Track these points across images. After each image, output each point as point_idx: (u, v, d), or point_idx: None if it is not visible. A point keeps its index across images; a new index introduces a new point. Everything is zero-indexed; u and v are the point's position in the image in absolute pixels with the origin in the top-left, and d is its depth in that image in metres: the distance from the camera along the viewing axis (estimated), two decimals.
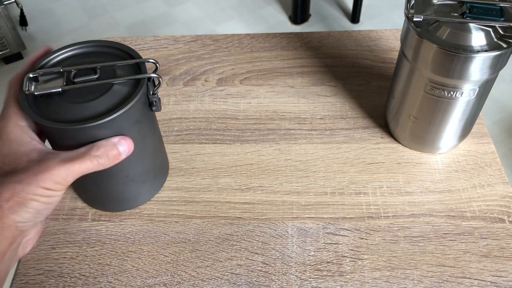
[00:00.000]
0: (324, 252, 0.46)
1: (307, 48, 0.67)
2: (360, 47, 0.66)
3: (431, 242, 0.47)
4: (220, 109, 0.60)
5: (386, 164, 0.53)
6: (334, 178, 0.52)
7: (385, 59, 0.65)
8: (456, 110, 0.48)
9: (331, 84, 0.62)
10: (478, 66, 0.43)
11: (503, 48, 0.42)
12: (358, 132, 0.56)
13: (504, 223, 0.48)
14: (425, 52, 0.44)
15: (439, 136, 0.52)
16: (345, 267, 0.45)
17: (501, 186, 0.51)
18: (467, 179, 0.52)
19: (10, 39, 1.59)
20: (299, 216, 0.49)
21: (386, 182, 0.52)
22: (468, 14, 0.43)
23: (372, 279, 0.45)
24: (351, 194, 0.51)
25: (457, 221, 0.48)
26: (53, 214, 0.50)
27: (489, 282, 0.44)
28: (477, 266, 0.45)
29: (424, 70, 0.46)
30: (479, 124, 0.56)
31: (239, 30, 1.78)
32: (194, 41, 0.69)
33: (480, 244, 0.47)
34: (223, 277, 0.45)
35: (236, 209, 0.50)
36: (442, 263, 0.45)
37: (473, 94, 0.46)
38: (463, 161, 0.53)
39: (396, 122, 0.54)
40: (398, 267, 0.45)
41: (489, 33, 0.43)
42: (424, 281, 0.44)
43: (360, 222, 0.49)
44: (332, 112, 0.59)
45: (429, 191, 0.51)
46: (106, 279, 0.45)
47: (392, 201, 0.50)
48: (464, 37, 0.43)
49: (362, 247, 0.47)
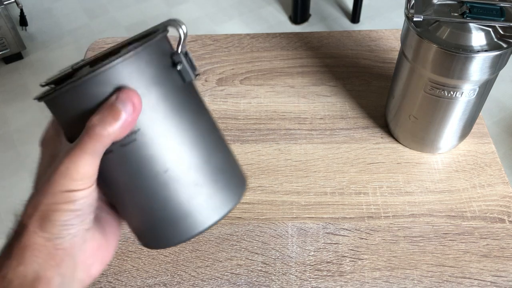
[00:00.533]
0: (324, 252, 0.46)
1: (307, 48, 0.66)
2: (360, 47, 0.66)
3: (431, 242, 0.47)
4: (220, 109, 0.60)
5: (386, 164, 0.53)
6: (334, 178, 0.52)
7: (385, 59, 0.64)
8: (456, 110, 0.48)
9: (331, 84, 0.62)
10: (478, 66, 0.43)
11: (503, 48, 0.42)
12: (358, 132, 0.56)
13: (504, 223, 0.48)
14: (425, 52, 0.44)
15: (439, 136, 0.51)
16: (345, 267, 0.45)
17: (501, 186, 0.51)
18: (467, 179, 0.52)
19: (10, 39, 1.59)
20: (299, 216, 0.49)
21: (386, 182, 0.52)
22: (468, 14, 0.43)
23: (372, 279, 0.44)
24: (351, 194, 0.51)
25: (457, 221, 0.48)
26: None
27: (489, 282, 0.44)
28: (477, 266, 0.45)
29: (424, 70, 0.46)
30: (479, 124, 0.56)
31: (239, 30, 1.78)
32: (194, 41, 0.69)
33: (480, 244, 0.47)
34: (223, 277, 0.45)
35: (236, 209, 0.50)
36: (442, 263, 0.45)
37: (473, 94, 0.46)
38: (463, 161, 0.53)
39: (396, 122, 0.54)
40: (398, 267, 0.45)
41: (489, 33, 0.43)
42: (424, 281, 0.44)
43: (360, 222, 0.49)
44: (332, 112, 0.59)
45: (429, 191, 0.51)
46: (106, 279, 0.45)
47: (392, 201, 0.50)
48: (464, 37, 0.43)
49: (362, 247, 0.47)
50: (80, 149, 0.28)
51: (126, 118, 0.28)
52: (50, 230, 0.28)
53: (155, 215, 0.31)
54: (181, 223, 0.31)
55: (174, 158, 0.31)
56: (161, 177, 0.31)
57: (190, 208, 0.31)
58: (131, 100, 0.28)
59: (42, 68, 1.64)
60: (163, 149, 0.30)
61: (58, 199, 0.28)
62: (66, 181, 0.28)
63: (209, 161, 0.33)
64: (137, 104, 0.29)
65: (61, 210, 0.28)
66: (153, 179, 0.31)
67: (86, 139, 0.28)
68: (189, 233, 0.31)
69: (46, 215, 0.28)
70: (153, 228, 0.32)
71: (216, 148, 0.34)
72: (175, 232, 0.32)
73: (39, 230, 0.28)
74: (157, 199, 0.31)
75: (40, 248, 0.28)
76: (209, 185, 0.32)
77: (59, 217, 0.28)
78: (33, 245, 0.28)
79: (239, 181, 0.35)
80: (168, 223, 0.31)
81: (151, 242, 0.33)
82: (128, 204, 0.32)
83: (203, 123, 0.33)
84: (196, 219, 0.31)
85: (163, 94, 0.31)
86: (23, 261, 0.28)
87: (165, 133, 0.30)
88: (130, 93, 0.29)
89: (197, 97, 0.33)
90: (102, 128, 0.28)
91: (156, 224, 0.32)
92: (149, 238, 0.33)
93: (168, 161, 0.31)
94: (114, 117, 0.28)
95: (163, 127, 0.30)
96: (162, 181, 0.31)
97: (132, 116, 0.28)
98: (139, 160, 0.30)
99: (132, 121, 0.28)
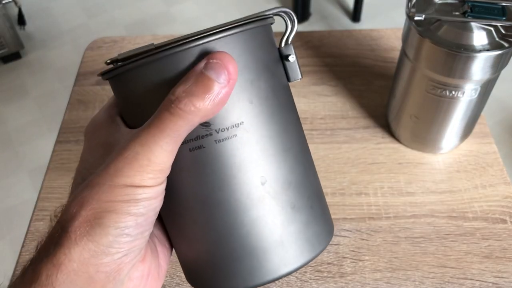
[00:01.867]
0: (325, 253, 0.46)
1: (308, 47, 0.66)
2: (361, 46, 0.66)
3: (433, 243, 0.47)
4: None
5: (387, 164, 0.53)
6: (335, 179, 0.52)
7: (386, 59, 0.64)
8: (457, 109, 0.48)
9: (331, 83, 0.62)
10: (479, 66, 0.43)
11: (505, 47, 0.42)
12: (359, 132, 0.56)
13: (506, 224, 0.48)
14: (427, 51, 0.44)
15: (441, 136, 0.51)
16: (345, 268, 0.45)
17: (503, 186, 0.51)
18: (469, 179, 0.51)
19: (8, 38, 1.58)
20: None
21: (387, 182, 0.51)
22: (470, 13, 0.43)
23: (373, 280, 0.44)
24: (352, 195, 0.50)
25: (459, 221, 0.48)
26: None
27: (491, 283, 0.44)
28: (479, 267, 0.45)
29: (426, 69, 0.45)
30: (481, 124, 0.56)
31: None
32: None
33: (482, 245, 0.46)
34: None
35: None
36: (444, 264, 0.45)
37: (474, 93, 0.46)
38: (464, 161, 0.53)
39: (397, 122, 0.53)
40: (399, 268, 0.45)
41: (491, 32, 0.42)
42: (426, 282, 0.44)
43: (361, 223, 0.48)
44: (332, 112, 0.58)
45: (430, 191, 0.51)
46: None
47: (393, 201, 0.50)
48: (465, 36, 0.42)
49: (363, 248, 0.46)
50: (157, 130, 0.20)
51: (219, 91, 0.21)
52: (100, 240, 0.20)
53: (235, 241, 0.22)
54: (269, 256, 0.23)
55: (275, 168, 0.23)
56: (257, 191, 0.23)
57: (282, 238, 0.23)
58: (225, 66, 0.21)
59: (40, 67, 1.64)
60: (266, 154, 0.23)
61: (118, 195, 0.20)
62: (133, 172, 0.20)
63: (308, 179, 0.26)
64: (233, 73, 0.21)
65: (121, 212, 0.20)
66: (248, 193, 0.23)
67: (165, 117, 0.21)
68: (277, 271, 0.23)
69: (99, 217, 0.20)
70: (226, 260, 0.23)
71: (312, 167, 0.27)
72: (258, 267, 0.22)
73: (86, 238, 0.20)
74: (243, 221, 0.22)
75: (80, 268, 0.20)
76: (306, 211, 0.24)
77: (116, 221, 0.20)
78: (71, 264, 0.20)
79: (329, 215, 0.27)
80: (252, 254, 0.22)
81: (216, 280, 0.23)
82: (198, 224, 0.23)
83: (302, 133, 0.27)
84: (287, 252, 0.23)
85: (274, 86, 0.24)
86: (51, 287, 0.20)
87: (271, 134, 0.23)
88: (222, 57, 0.21)
89: (294, 104, 0.27)
90: (188, 101, 0.20)
91: (233, 255, 0.23)
92: (214, 275, 0.23)
93: (269, 170, 0.23)
94: (204, 88, 0.21)
95: (270, 126, 0.23)
96: (256, 196, 0.23)
97: (227, 88, 0.21)
98: (234, 164, 0.22)
99: (225, 95, 0.21)
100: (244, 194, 0.22)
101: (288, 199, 0.23)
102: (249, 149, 0.22)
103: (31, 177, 1.34)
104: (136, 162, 0.20)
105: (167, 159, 0.21)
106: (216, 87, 0.21)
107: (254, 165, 0.23)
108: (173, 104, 0.20)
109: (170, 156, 0.21)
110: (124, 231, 0.20)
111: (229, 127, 0.22)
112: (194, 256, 0.24)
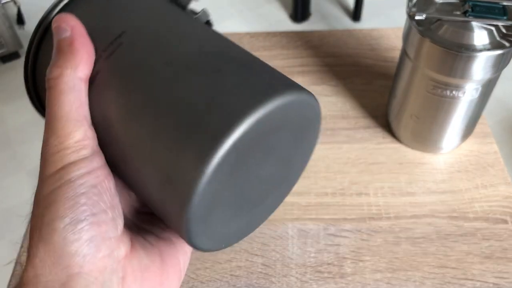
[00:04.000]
0: (325, 254, 0.46)
1: (308, 47, 0.66)
2: (362, 46, 0.66)
3: (433, 243, 0.46)
4: None
5: (388, 164, 0.53)
6: (335, 179, 0.52)
7: (387, 58, 0.64)
8: (458, 109, 0.48)
9: (332, 83, 0.61)
10: (480, 65, 0.42)
11: (506, 47, 0.42)
12: (359, 132, 0.56)
13: (507, 224, 0.48)
14: (427, 51, 0.44)
15: (441, 136, 0.51)
16: (346, 269, 0.45)
17: (504, 186, 0.50)
18: (470, 179, 0.51)
19: (7, 38, 1.58)
20: (299, 217, 0.49)
21: (387, 182, 0.51)
22: (471, 12, 0.43)
23: (373, 281, 0.44)
24: (352, 195, 0.50)
25: (459, 222, 0.48)
26: None
27: (492, 283, 0.44)
28: (480, 267, 0.45)
29: (426, 69, 0.45)
30: (482, 123, 0.56)
31: (238, 28, 1.77)
32: None
33: (483, 245, 0.46)
34: (223, 279, 0.44)
35: None
36: (444, 264, 0.45)
37: (475, 93, 0.46)
38: (465, 161, 0.53)
39: (398, 121, 0.53)
40: (399, 269, 0.45)
41: (492, 31, 0.42)
42: (426, 283, 0.44)
43: (361, 223, 0.48)
44: (333, 112, 0.58)
45: (431, 191, 0.50)
46: None
47: (393, 201, 0.50)
48: (466, 35, 0.42)
49: (363, 249, 0.46)
50: (51, 110, 0.21)
51: (69, 41, 0.22)
52: (51, 239, 0.19)
53: (174, 119, 0.20)
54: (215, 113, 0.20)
55: (180, 45, 0.23)
56: (162, 69, 0.22)
57: (215, 100, 0.21)
58: (58, 24, 0.23)
59: None
60: (163, 39, 0.23)
61: (51, 185, 0.20)
62: (54, 157, 0.20)
63: (226, 51, 0.25)
64: (68, 23, 0.22)
65: (57, 200, 0.19)
66: (161, 83, 0.21)
67: (50, 94, 0.21)
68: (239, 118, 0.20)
69: (42, 217, 0.19)
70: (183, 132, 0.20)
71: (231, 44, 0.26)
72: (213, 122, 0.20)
73: (40, 244, 0.19)
74: (174, 100, 0.21)
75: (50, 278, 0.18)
76: (235, 71, 0.23)
77: (57, 210, 0.19)
78: (33, 279, 0.18)
79: (283, 76, 0.25)
80: (193, 123, 0.20)
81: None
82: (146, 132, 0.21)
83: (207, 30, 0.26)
84: (230, 107, 0.21)
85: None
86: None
87: (164, 24, 0.24)
88: (55, 21, 0.23)
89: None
90: (54, 69, 0.22)
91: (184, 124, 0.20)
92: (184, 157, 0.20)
93: (172, 52, 0.22)
94: (57, 51, 0.22)
95: (160, 17, 0.24)
96: (167, 76, 0.21)
97: (74, 35, 0.22)
98: (134, 66, 0.22)
99: (77, 41, 0.22)
100: (159, 86, 0.21)
101: (209, 68, 0.22)
102: (142, 45, 0.22)
103: (30, 177, 1.33)
104: (52, 147, 0.20)
105: (75, 114, 0.21)
106: (64, 42, 0.22)
107: (154, 55, 0.22)
108: (48, 81, 0.22)
109: (76, 109, 0.21)
110: (72, 217, 0.19)
111: (110, 43, 0.23)
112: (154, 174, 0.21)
